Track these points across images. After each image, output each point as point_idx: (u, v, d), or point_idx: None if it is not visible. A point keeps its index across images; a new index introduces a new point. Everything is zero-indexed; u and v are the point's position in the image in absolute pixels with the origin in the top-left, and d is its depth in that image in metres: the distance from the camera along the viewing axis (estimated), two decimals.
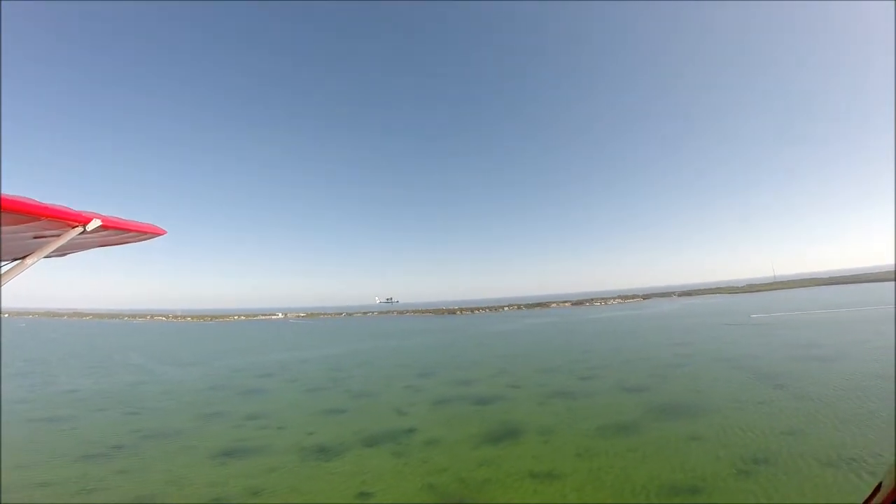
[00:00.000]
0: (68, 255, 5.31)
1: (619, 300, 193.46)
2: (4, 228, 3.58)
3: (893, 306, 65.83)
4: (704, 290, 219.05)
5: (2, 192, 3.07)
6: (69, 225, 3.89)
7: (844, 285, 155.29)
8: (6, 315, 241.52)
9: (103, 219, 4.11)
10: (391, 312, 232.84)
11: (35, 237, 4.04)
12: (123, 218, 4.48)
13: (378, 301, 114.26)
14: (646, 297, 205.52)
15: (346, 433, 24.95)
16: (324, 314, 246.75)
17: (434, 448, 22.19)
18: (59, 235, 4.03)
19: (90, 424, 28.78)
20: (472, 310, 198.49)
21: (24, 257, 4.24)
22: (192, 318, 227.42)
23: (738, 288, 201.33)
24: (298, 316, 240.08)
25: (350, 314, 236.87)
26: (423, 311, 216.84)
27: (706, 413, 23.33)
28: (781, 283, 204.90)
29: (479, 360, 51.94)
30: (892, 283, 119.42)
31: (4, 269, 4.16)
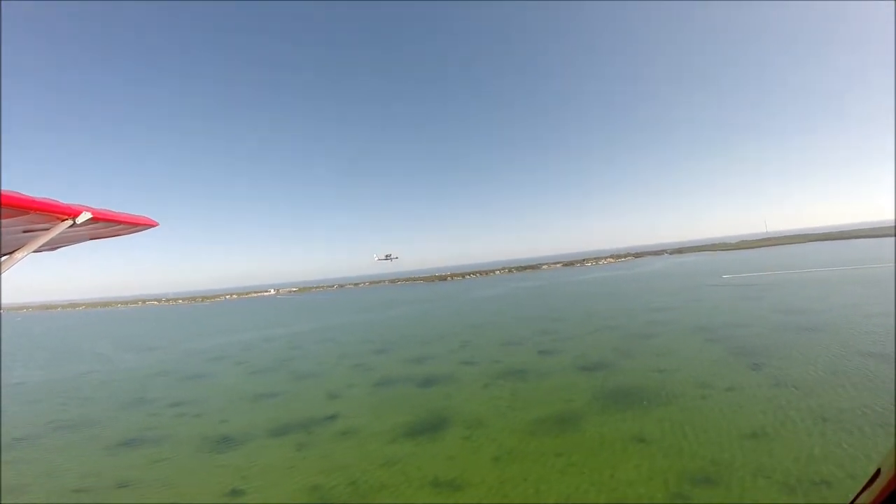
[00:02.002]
0: (60, 249, 5.18)
1: (611, 259, 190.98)
2: None
3: (893, 266, 61.33)
4: (696, 247, 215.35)
5: None
6: (59, 218, 3.84)
7: (840, 241, 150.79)
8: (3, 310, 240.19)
9: (94, 211, 4.06)
10: (383, 282, 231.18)
11: (25, 231, 4.01)
12: (114, 210, 4.43)
13: (376, 258, 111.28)
14: (637, 255, 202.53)
15: (261, 421, 23.93)
16: (316, 287, 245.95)
17: (345, 440, 20.41)
18: (48, 229, 4.01)
19: (10, 417, 28.55)
20: (462, 275, 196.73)
21: (13, 252, 4.19)
22: (184, 300, 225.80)
23: (730, 245, 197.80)
24: (290, 291, 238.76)
25: (342, 286, 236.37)
26: (414, 279, 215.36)
27: (663, 403, 19.67)
28: (773, 239, 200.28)
29: (446, 332, 49.17)
30: (892, 238, 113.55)
31: None
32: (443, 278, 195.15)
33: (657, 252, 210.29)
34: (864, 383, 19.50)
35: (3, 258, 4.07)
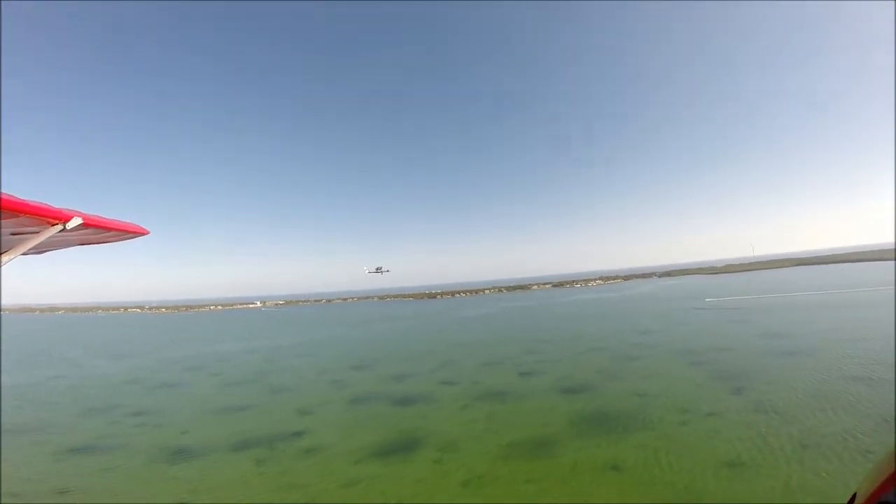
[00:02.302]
0: (47, 253, 4.94)
1: (601, 281, 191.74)
2: None
3: (879, 290, 62.16)
4: (684, 270, 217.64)
5: None
6: (48, 222, 3.73)
7: (826, 265, 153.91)
8: None
9: (84, 217, 3.95)
10: (372, 298, 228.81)
11: (13, 234, 3.90)
12: (105, 217, 4.32)
13: (367, 271, 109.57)
14: (626, 278, 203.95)
15: (224, 434, 23.28)
16: (304, 301, 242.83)
17: (308, 458, 19.63)
18: (37, 233, 3.87)
19: None
20: (452, 293, 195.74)
21: (1, 254, 4.07)
22: (168, 309, 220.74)
23: (716, 269, 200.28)
24: (277, 304, 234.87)
25: (330, 301, 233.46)
26: (403, 296, 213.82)
27: (642, 428, 19.01)
28: (760, 263, 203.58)
29: (429, 350, 48.21)
30: (879, 263, 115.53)
31: None
32: (432, 296, 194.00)
33: (646, 275, 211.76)
34: (847, 408, 19.13)
35: None
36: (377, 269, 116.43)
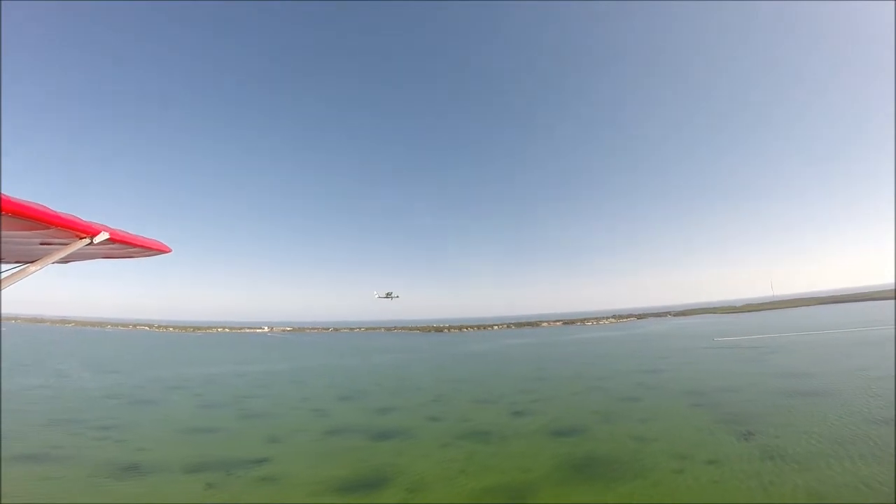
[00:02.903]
0: (71, 263, 5.05)
1: (613, 320, 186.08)
2: (13, 233, 3.55)
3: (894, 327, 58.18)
4: (701, 309, 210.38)
5: (12, 196, 3.01)
6: (77, 235, 3.86)
7: (847, 303, 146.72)
8: None
9: (111, 232, 4.09)
10: (379, 329, 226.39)
11: (42, 243, 4.02)
12: (131, 232, 4.47)
13: (377, 296, 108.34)
14: (640, 316, 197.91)
15: (183, 455, 22.67)
16: (310, 328, 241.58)
17: (263, 486, 18.38)
18: (66, 245, 4.01)
19: None
20: (459, 328, 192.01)
21: (28, 262, 4.17)
22: (175, 328, 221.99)
23: (735, 307, 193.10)
24: (284, 330, 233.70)
25: (337, 329, 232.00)
26: (410, 328, 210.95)
27: (633, 476, 16.86)
28: (780, 301, 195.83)
29: (423, 384, 46.26)
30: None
31: (8, 273, 4.03)
32: (439, 330, 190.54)
33: (660, 314, 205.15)
34: (867, 454, 16.73)
35: (19, 267, 4.08)
36: (387, 294, 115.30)
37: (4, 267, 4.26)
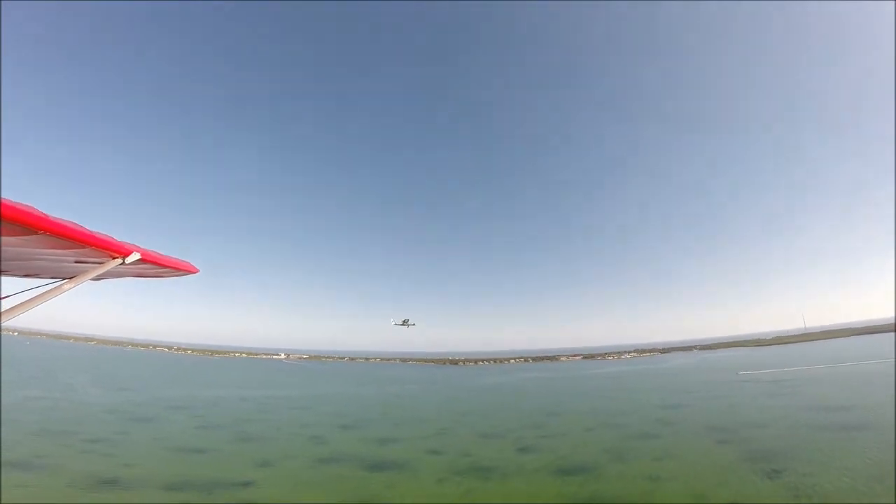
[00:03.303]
0: (103, 281, 5.15)
1: (636, 354, 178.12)
2: (49, 250, 3.61)
3: None
4: (728, 343, 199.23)
5: (50, 215, 3.04)
6: (111, 255, 3.94)
7: (883, 334, 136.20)
8: (14, 333, 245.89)
9: (143, 252, 4.18)
10: (394, 360, 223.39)
11: (76, 261, 4.12)
12: (161, 253, 4.55)
13: (393, 323, 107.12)
14: (664, 350, 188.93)
15: (168, 473, 22.47)
16: (327, 357, 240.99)
17: None
18: (100, 264, 4.09)
19: None
20: (475, 361, 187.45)
21: (63, 279, 4.21)
22: (193, 351, 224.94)
23: (764, 341, 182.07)
24: (301, 358, 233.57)
25: (353, 359, 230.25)
26: (426, 360, 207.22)
27: None
28: (812, 334, 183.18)
29: (429, 416, 44.45)
30: None
31: (44, 288, 4.07)
32: (454, 362, 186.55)
33: (686, 348, 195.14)
34: None
35: (53, 284, 4.13)
36: (403, 321, 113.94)
37: (39, 282, 4.32)
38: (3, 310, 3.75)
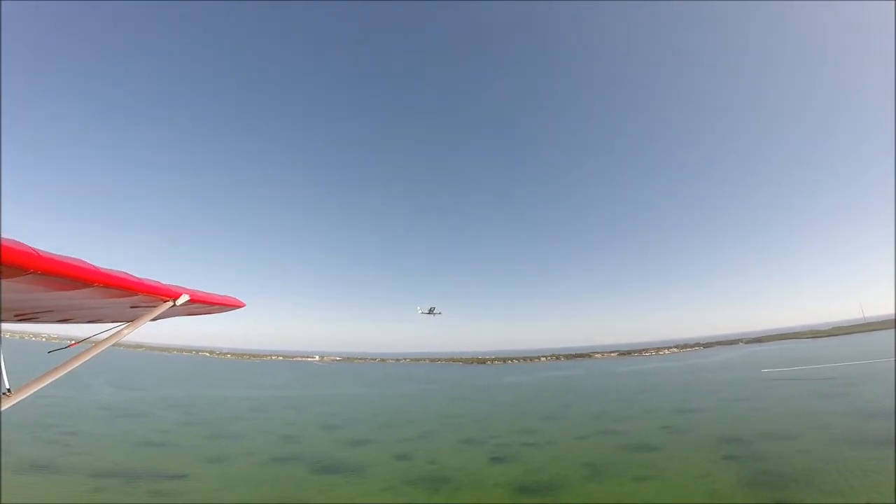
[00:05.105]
0: (159, 321, 5.40)
1: (675, 349, 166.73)
2: (104, 300, 3.98)
3: None
4: (781, 335, 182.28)
5: (101, 267, 3.35)
6: (162, 299, 4.26)
7: None
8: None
9: (191, 293, 4.53)
10: (423, 360, 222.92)
11: (132, 307, 4.52)
12: (208, 292, 4.98)
13: (420, 311, 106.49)
14: (707, 345, 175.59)
15: (107, 462, 23.08)
16: (359, 359, 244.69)
17: (153, 499, 18.05)
18: (153, 307, 4.47)
19: None
20: (504, 359, 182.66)
21: (123, 323, 4.64)
22: (233, 355, 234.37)
23: (820, 332, 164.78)
24: (333, 360, 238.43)
25: (383, 360, 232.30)
26: (453, 360, 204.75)
27: None
28: (872, 324, 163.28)
29: (422, 418, 42.14)
30: None
31: (106, 334, 4.51)
32: (482, 361, 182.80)
33: (731, 341, 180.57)
34: None
35: (114, 330, 4.52)
36: (430, 309, 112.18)
37: (103, 328, 4.63)
38: (71, 357, 4.15)
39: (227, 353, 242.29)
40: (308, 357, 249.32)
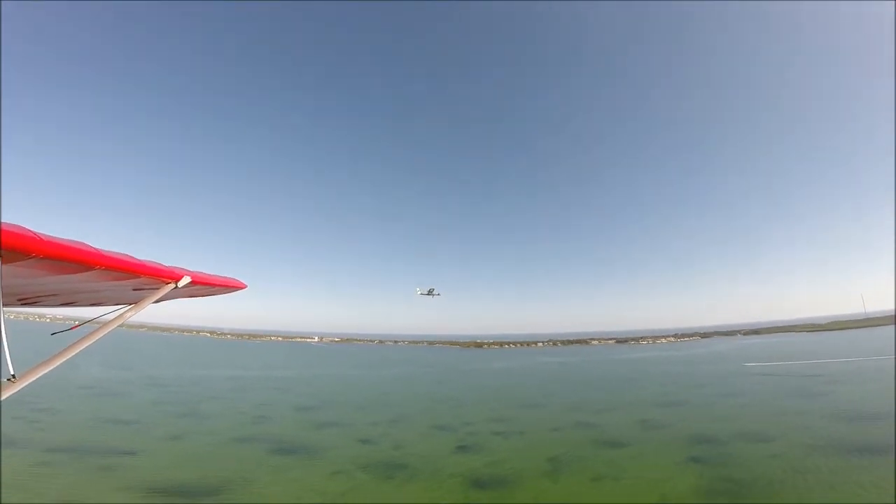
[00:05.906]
0: (161, 303, 5.41)
1: (672, 339, 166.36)
2: (107, 283, 3.99)
3: None
4: (779, 328, 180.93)
5: (103, 250, 3.33)
6: (164, 281, 4.33)
7: None
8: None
9: (193, 275, 4.57)
10: (421, 343, 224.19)
11: (135, 290, 4.55)
12: (210, 273, 4.98)
13: (419, 292, 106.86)
14: (705, 335, 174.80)
15: (63, 438, 23.90)
16: (358, 340, 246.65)
17: (96, 473, 18.59)
18: (155, 289, 4.50)
19: None
20: (500, 344, 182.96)
21: (126, 305, 4.68)
22: (233, 335, 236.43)
23: (818, 325, 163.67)
24: (332, 341, 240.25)
25: (382, 342, 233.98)
26: (451, 343, 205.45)
27: None
28: (873, 319, 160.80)
29: (400, 401, 41.91)
30: None
31: (109, 316, 4.53)
32: (479, 345, 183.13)
33: (730, 332, 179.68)
34: None
35: (117, 313, 4.53)
36: (429, 291, 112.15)
37: (106, 310, 4.74)
38: (75, 341, 4.19)
39: (227, 334, 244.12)
40: (307, 338, 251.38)
